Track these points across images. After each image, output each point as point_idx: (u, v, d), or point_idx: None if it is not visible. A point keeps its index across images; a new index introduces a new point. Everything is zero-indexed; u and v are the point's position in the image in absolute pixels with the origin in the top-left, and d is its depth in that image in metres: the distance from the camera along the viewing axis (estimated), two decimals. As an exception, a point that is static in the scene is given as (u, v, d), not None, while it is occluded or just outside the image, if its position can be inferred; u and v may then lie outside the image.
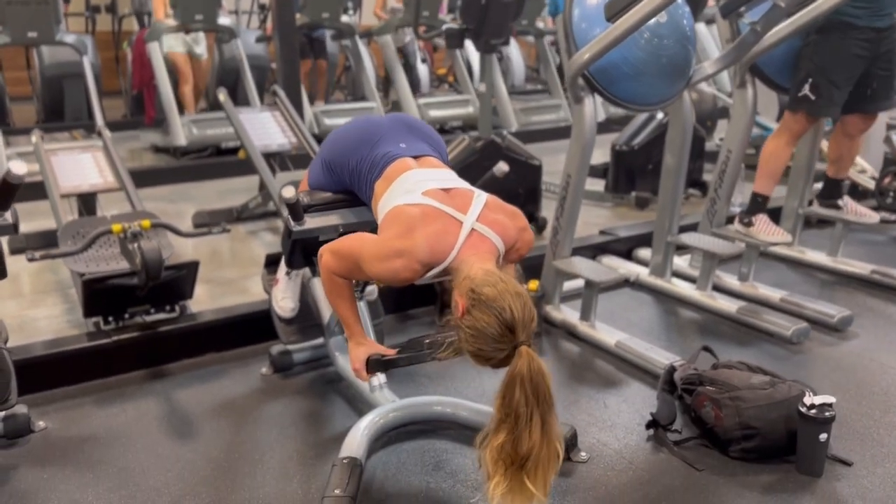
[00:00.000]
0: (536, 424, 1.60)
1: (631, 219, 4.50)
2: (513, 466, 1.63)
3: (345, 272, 1.95)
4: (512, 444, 1.61)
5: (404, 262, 1.81)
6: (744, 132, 3.24)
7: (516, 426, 1.61)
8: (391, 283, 1.92)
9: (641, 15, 2.46)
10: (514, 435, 1.61)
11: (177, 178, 5.92)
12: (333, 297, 2.01)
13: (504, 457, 1.63)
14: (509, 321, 1.63)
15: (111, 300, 2.84)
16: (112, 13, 8.97)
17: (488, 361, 1.68)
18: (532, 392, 1.59)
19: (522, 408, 1.60)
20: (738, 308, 3.04)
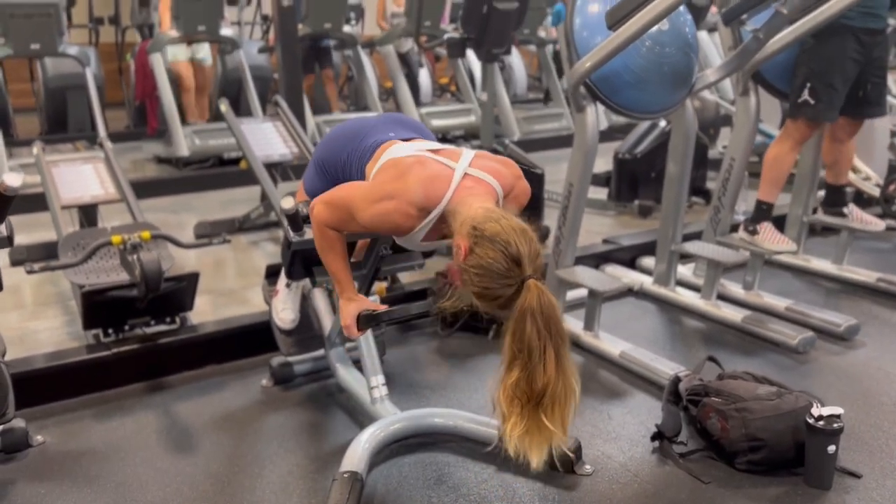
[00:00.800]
0: (551, 358, 1.56)
1: (634, 227, 4.47)
2: (529, 404, 1.59)
3: (337, 223, 1.90)
4: (527, 381, 1.57)
5: (396, 203, 1.77)
6: (747, 140, 3.22)
7: (530, 361, 1.57)
8: (385, 230, 1.87)
9: (643, 23, 2.44)
10: (528, 371, 1.57)
11: (179, 188, 5.91)
12: (325, 251, 1.96)
13: (519, 394, 1.59)
14: (515, 255, 1.59)
15: (111, 312, 2.83)
16: (115, 25, 9.00)
17: (495, 301, 1.62)
18: (544, 325, 1.55)
19: (535, 342, 1.56)
20: (743, 317, 3.01)
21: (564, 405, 1.61)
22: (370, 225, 1.84)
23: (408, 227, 1.81)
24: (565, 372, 1.59)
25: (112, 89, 8.68)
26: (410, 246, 1.97)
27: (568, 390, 1.60)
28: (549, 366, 1.56)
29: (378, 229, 1.90)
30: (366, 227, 1.86)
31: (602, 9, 2.75)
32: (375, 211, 1.80)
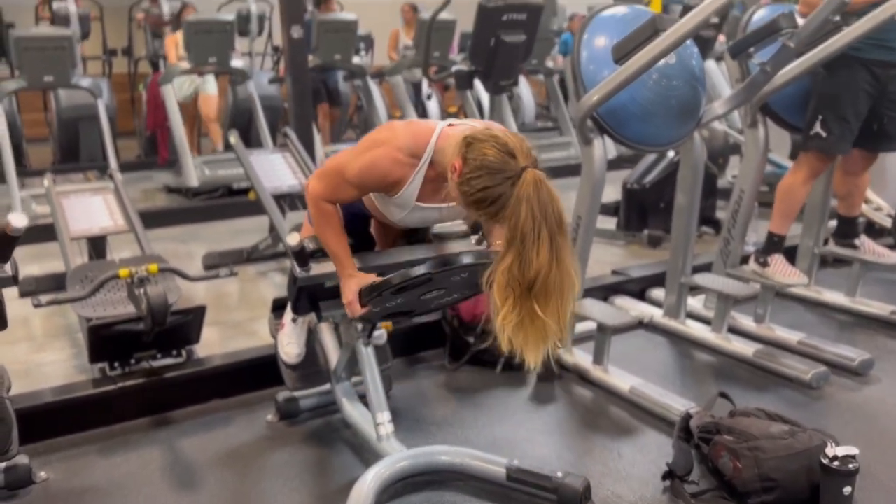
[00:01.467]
0: (544, 243, 1.56)
1: (644, 258, 4.45)
2: (521, 290, 1.58)
3: (330, 191, 1.91)
4: (519, 267, 1.57)
5: (385, 150, 1.80)
6: (756, 172, 3.20)
7: (523, 247, 1.56)
8: (375, 184, 1.85)
9: (650, 57, 2.44)
10: (520, 257, 1.56)
11: (188, 218, 5.94)
12: (321, 226, 1.96)
13: (511, 280, 1.58)
14: (508, 148, 1.63)
15: (117, 345, 2.81)
16: (128, 56, 9.13)
17: (496, 204, 1.61)
18: (539, 210, 1.56)
19: (529, 227, 1.56)
20: (755, 351, 2.97)
21: (560, 296, 1.60)
22: (360, 179, 1.84)
23: (398, 175, 1.82)
24: (561, 262, 1.58)
25: (124, 119, 8.78)
26: (407, 216, 1.94)
27: (564, 282, 1.60)
28: (542, 252, 1.56)
29: (369, 185, 1.87)
30: (357, 184, 1.86)
31: (609, 42, 2.76)
32: (365, 160, 1.82)
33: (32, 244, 4.93)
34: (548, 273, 1.57)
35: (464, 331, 3.05)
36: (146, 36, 8.81)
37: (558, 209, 1.60)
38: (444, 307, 2.15)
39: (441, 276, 1.87)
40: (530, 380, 2.95)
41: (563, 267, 1.59)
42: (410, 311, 2.10)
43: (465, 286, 2.00)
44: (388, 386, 2.79)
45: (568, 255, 1.61)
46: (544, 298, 1.59)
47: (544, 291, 1.58)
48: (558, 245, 1.58)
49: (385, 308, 1.96)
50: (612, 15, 2.87)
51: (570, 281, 1.61)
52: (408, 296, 1.94)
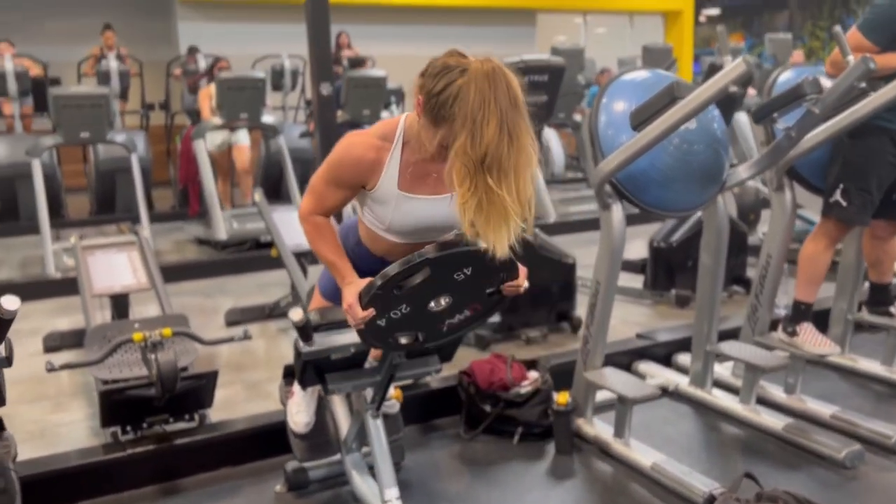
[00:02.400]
0: (493, 116, 1.60)
1: (671, 318, 4.33)
2: (474, 166, 1.62)
3: (315, 202, 1.94)
4: (470, 143, 1.61)
5: (359, 138, 1.87)
6: (783, 236, 3.11)
7: (473, 124, 1.61)
8: (353, 173, 1.87)
9: (667, 125, 2.39)
10: (472, 133, 1.61)
11: (217, 271, 5.99)
12: (315, 240, 1.97)
13: (464, 158, 1.63)
14: (458, 52, 1.72)
15: (129, 410, 2.79)
16: (165, 110, 9.38)
17: (456, 99, 1.64)
18: (489, 87, 1.61)
19: (477, 102, 1.61)
20: (785, 425, 2.84)
21: (515, 172, 1.63)
22: (337, 172, 1.88)
23: (372, 157, 1.84)
24: (515, 138, 1.62)
25: (160, 169, 8.99)
26: (397, 215, 1.90)
27: (520, 157, 1.63)
28: (492, 125, 1.60)
29: (346, 176, 1.89)
30: (335, 180, 1.89)
31: (628, 107, 2.71)
32: (337, 151, 1.87)
33: (62, 297, 5.02)
34: (498, 146, 1.61)
35: (480, 398, 2.96)
36: (183, 90, 9.06)
37: (513, 88, 1.64)
38: (455, 332, 2.02)
39: (441, 266, 1.79)
40: (548, 452, 2.85)
41: (518, 143, 1.63)
42: (417, 333, 1.96)
43: (471, 290, 1.90)
44: (399, 456, 2.72)
45: (523, 133, 1.64)
46: (498, 173, 1.62)
47: (497, 165, 1.62)
48: (510, 121, 1.62)
49: (392, 321, 1.86)
50: (632, 79, 2.84)
51: (525, 156, 1.65)
52: (412, 301, 1.85)
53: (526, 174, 1.66)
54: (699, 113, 2.41)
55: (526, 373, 3.02)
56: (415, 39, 12.42)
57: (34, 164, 5.86)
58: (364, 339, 1.92)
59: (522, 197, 1.66)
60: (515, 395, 2.93)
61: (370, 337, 1.91)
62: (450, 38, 13.26)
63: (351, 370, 2.25)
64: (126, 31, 10.92)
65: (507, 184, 1.63)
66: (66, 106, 5.79)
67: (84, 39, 9.19)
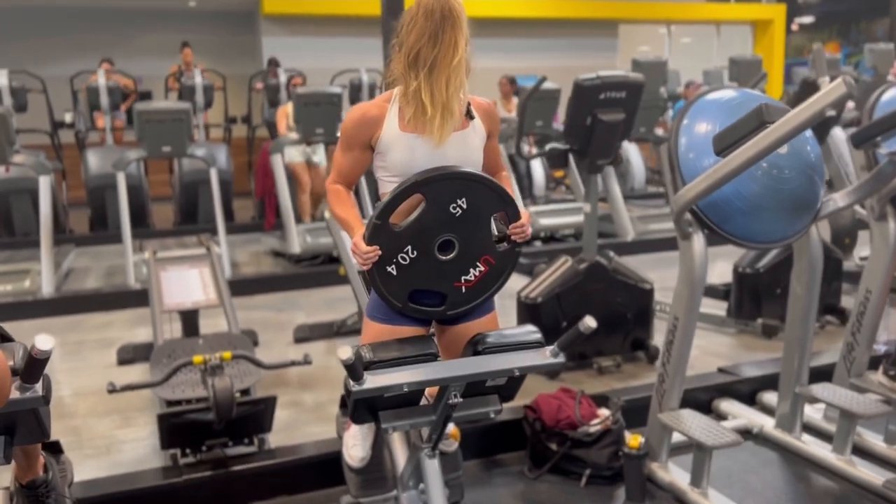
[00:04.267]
0: (419, 23, 1.87)
1: (757, 349, 4.06)
2: (406, 67, 1.88)
3: (338, 171, 2.06)
4: (404, 51, 1.89)
5: (367, 102, 2.04)
6: (886, 269, 2.83)
7: (405, 32, 1.90)
8: (356, 126, 1.98)
9: (755, 152, 2.19)
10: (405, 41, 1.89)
11: (289, 284, 6.03)
12: (334, 205, 2.08)
13: (399, 62, 1.91)
14: None
15: (188, 433, 2.77)
16: (247, 123, 9.57)
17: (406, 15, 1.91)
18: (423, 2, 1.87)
19: (409, 14, 1.90)
20: (886, 481, 2.56)
21: (436, 69, 1.86)
22: (347, 136, 2.01)
23: (375, 112, 1.98)
24: (437, 41, 1.86)
25: (242, 181, 9.18)
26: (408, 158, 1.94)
27: (442, 60, 1.86)
28: (416, 30, 1.87)
29: (356, 135, 2.00)
30: (347, 143, 2.02)
31: (711, 129, 2.53)
32: (353, 110, 2.02)
33: (141, 307, 5.12)
34: (420, 47, 1.86)
35: (546, 436, 2.81)
36: (263, 104, 9.22)
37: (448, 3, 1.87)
38: (476, 295, 1.99)
39: (433, 193, 1.84)
40: (618, 497, 2.67)
41: (441, 45, 1.86)
42: (433, 290, 1.94)
43: (474, 232, 1.90)
44: (458, 495, 2.58)
45: (450, 37, 1.86)
46: (420, 70, 1.87)
47: (420, 64, 1.87)
48: (434, 27, 1.85)
49: (399, 266, 1.89)
50: (717, 99, 2.64)
51: (445, 57, 1.86)
52: (415, 241, 1.86)
53: (446, 71, 1.87)
54: (790, 139, 2.19)
55: (596, 410, 2.85)
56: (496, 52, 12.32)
57: (119, 177, 6.04)
58: (383, 298, 1.93)
59: (445, 92, 1.87)
60: (584, 434, 2.76)
61: (386, 292, 1.91)
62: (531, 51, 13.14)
63: (405, 408, 2.13)
64: (211, 46, 11.27)
65: (426, 79, 1.87)
66: (148, 121, 5.94)
67: (173, 53, 9.48)
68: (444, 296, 1.97)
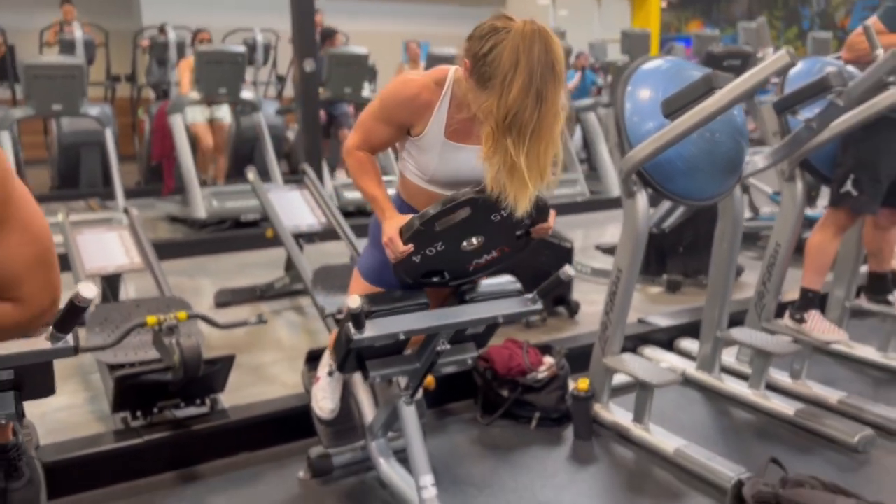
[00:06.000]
0: (520, 78, 1.59)
1: (663, 303, 4.39)
2: (497, 126, 1.63)
3: (363, 136, 1.95)
4: (497, 103, 1.63)
5: (414, 76, 1.88)
6: (793, 225, 3.16)
7: (502, 84, 1.61)
8: (404, 112, 1.86)
9: (703, 115, 2.40)
10: (500, 93, 1.62)
11: (194, 251, 5.84)
12: (358, 175, 1.97)
13: (489, 117, 1.65)
14: (505, 15, 1.71)
15: (142, 395, 2.71)
16: (132, 83, 9.08)
17: (503, 65, 1.63)
18: (524, 49, 1.60)
19: (510, 62, 1.61)
20: (796, 411, 2.90)
21: (539, 139, 1.64)
22: (390, 107, 1.87)
23: (426, 98, 1.84)
24: (543, 102, 1.61)
25: (125, 144, 8.71)
26: (441, 163, 1.89)
27: (544, 123, 1.63)
28: (517, 86, 1.60)
29: (399, 112, 1.88)
30: (386, 117, 1.89)
31: (653, 95, 2.73)
32: (393, 86, 1.88)
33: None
34: (521, 108, 1.60)
35: (498, 384, 2.96)
36: (150, 63, 8.77)
37: (550, 51, 1.61)
38: (479, 272, 2.08)
39: (482, 206, 1.82)
40: (566, 437, 2.87)
41: (544, 107, 1.61)
42: (445, 270, 2.02)
43: (506, 234, 1.97)
44: (423, 441, 2.70)
45: (553, 97, 1.62)
46: (518, 135, 1.63)
47: (518, 129, 1.62)
48: (539, 84, 1.60)
49: (426, 257, 1.91)
50: (655, 68, 2.84)
51: (549, 121, 1.64)
52: (449, 239, 1.89)
53: (548, 138, 1.66)
54: (737, 104, 2.42)
55: (542, 358, 3.03)
56: (384, 17, 12.26)
57: (2, 136, 5.62)
58: (396, 274, 1.97)
59: (542, 161, 1.68)
60: (533, 380, 2.93)
61: (402, 272, 1.95)
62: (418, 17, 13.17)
63: (391, 357, 2.22)
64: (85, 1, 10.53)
65: (525, 146, 1.64)
66: (38, 77, 5.55)
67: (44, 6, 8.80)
68: (452, 275, 2.06)
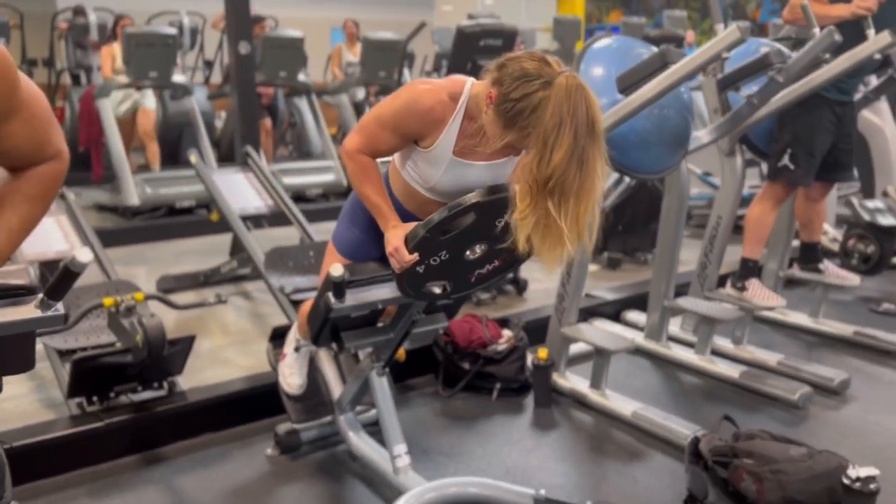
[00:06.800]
0: (565, 141, 1.55)
1: (605, 279, 4.53)
2: (538, 188, 1.59)
3: (367, 142, 1.87)
4: (538, 164, 1.58)
5: (428, 87, 1.79)
6: (733, 199, 3.32)
7: (544, 144, 1.57)
8: (414, 118, 1.79)
9: (658, 90, 2.50)
10: (541, 154, 1.57)
11: (128, 239, 5.65)
12: (360, 182, 1.91)
13: (529, 177, 1.60)
14: (543, 57, 1.65)
15: (99, 379, 2.64)
16: (49, 67, 8.68)
17: (535, 112, 1.60)
18: (568, 110, 1.56)
19: (553, 122, 1.56)
20: (741, 373, 3.07)
21: (578, 200, 1.60)
22: (401, 118, 1.80)
23: (440, 113, 1.78)
24: (585, 165, 1.57)
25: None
26: (444, 177, 1.86)
27: (584, 185, 1.59)
28: (561, 150, 1.56)
29: (409, 124, 1.81)
30: (395, 126, 1.82)
31: (605, 72, 2.82)
32: (406, 96, 1.80)
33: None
34: (564, 172, 1.57)
35: (459, 357, 3.02)
36: (69, 47, 8.40)
37: (592, 112, 1.59)
38: (480, 283, 2.04)
39: (487, 211, 1.80)
40: (527, 406, 2.95)
41: (586, 169, 1.58)
42: (447, 283, 1.97)
43: (507, 239, 1.88)
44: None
45: (595, 159, 1.59)
46: (559, 198, 1.59)
47: (560, 191, 1.58)
48: (582, 146, 1.57)
49: (430, 267, 1.87)
50: (606, 46, 2.93)
51: (591, 183, 1.60)
52: (452, 248, 1.86)
53: (589, 200, 1.62)
54: (691, 78, 2.53)
55: (501, 331, 3.10)
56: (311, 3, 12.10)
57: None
58: (400, 285, 1.92)
59: (581, 223, 1.64)
60: (493, 352, 3.00)
61: (406, 284, 1.91)
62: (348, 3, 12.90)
63: (365, 328, 2.24)
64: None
65: (567, 209, 1.60)
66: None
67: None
68: (454, 286, 1.99)
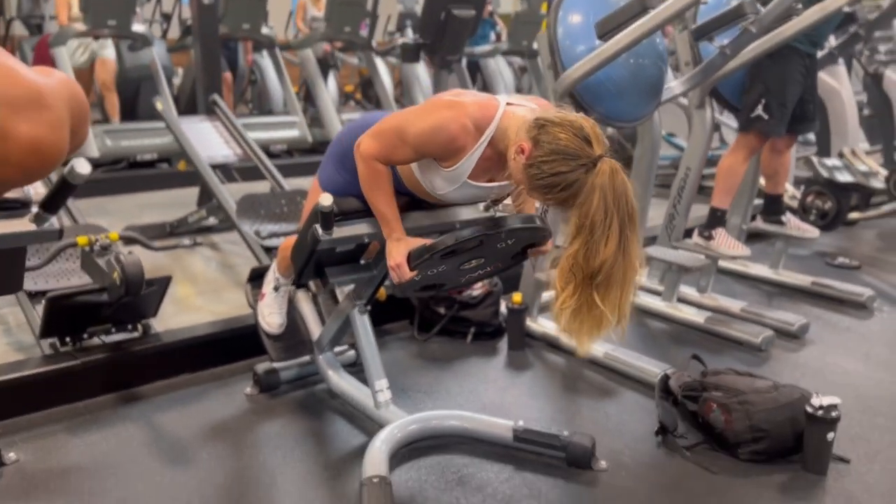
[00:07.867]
0: (613, 236, 1.57)
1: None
2: (583, 280, 1.60)
3: (386, 151, 1.84)
4: (584, 255, 1.58)
5: (454, 114, 1.75)
6: (703, 151, 3.39)
7: (591, 236, 1.57)
8: (436, 149, 1.78)
9: (636, 35, 2.54)
10: (587, 245, 1.58)
11: (88, 192, 5.50)
12: (371, 188, 1.90)
13: (574, 267, 1.60)
14: (583, 132, 1.62)
15: (73, 319, 2.61)
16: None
17: (569, 189, 1.61)
18: (613, 201, 1.57)
19: (600, 215, 1.57)
20: (706, 318, 3.17)
21: (621, 289, 1.62)
22: (424, 140, 1.77)
23: (462, 143, 1.76)
24: (628, 255, 1.60)
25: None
26: (452, 192, 1.89)
27: (628, 274, 1.61)
28: (611, 244, 1.57)
29: (431, 148, 1.79)
30: (417, 146, 1.79)
31: (584, 19, 2.84)
32: (432, 121, 1.76)
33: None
34: (613, 264, 1.58)
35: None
36: (20, -7, 8.10)
37: (631, 200, 1.60)
38: (473, 282, 2.16)
39: (492, 239, 1.86)
40: (501, 349, 3.01)
41: (629, 259, 1.61)
42: (442, 283, 2.07)
43: (504, 256, 2.01)
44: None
45: (635, 247, 1.62)
46: (605, 289, 1.61)
47: (606, 282, 1.60)
48: (627, 236, 1.59)
49: (426, 276, 1.93)
50: (584, -8, 2.95)
51: (632, 273, 1.62)
52: (451, 262, 1.92)
53: (630, 287, 1.64)
54: (670, 23, 2.57)
55: (475, 277, 3.14)
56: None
57: None
58: (395, 288, 1.99)
59: (623, 309, 1.66)
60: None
61: (401, 289, 1.96)
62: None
63: (348, 264, 2.25)
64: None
65: (611, 298, 1.62)
66: None
67: None
68: (448, 284, 2.09)
